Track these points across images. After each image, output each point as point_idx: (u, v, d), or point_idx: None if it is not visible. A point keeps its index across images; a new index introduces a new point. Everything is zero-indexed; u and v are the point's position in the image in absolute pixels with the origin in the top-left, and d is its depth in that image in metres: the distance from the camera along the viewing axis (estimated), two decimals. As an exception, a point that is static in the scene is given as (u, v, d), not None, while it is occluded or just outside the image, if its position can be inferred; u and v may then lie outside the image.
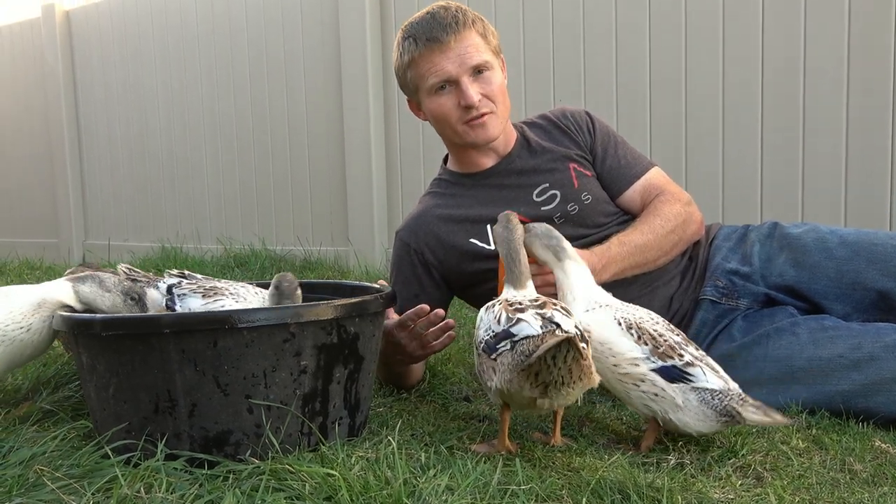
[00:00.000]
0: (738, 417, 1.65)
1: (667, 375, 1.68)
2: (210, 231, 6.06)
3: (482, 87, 2.22)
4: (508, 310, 1.68)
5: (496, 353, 1.64)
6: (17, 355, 1.90)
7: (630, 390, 1.72)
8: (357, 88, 4.91)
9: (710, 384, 1.67)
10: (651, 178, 2.38)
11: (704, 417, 1.67)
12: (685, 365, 1.68)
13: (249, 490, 1.45)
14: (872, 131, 3.35)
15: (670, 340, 1.73)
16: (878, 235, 2.15)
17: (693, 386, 1.67)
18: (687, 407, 1.67)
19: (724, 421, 1.67)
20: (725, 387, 1.68)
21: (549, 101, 4.19)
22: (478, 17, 2.26)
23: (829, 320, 2.05)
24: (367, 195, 4.95)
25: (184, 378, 1.59)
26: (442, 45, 2.18)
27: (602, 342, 1.74)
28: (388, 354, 2.18)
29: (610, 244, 2.16)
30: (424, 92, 2.27)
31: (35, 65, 7.25)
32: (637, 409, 1.76)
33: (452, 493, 1.41)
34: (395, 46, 2.32)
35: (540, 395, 1.59)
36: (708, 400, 1.66)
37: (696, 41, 3.74)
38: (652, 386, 1.69)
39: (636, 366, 1.70)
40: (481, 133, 2.27)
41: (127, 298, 1.93)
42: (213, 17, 5.88)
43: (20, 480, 1.45)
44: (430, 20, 2.21)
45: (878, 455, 1.72)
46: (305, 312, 1.64)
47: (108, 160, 6.83)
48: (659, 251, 2.24)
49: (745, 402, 1.66)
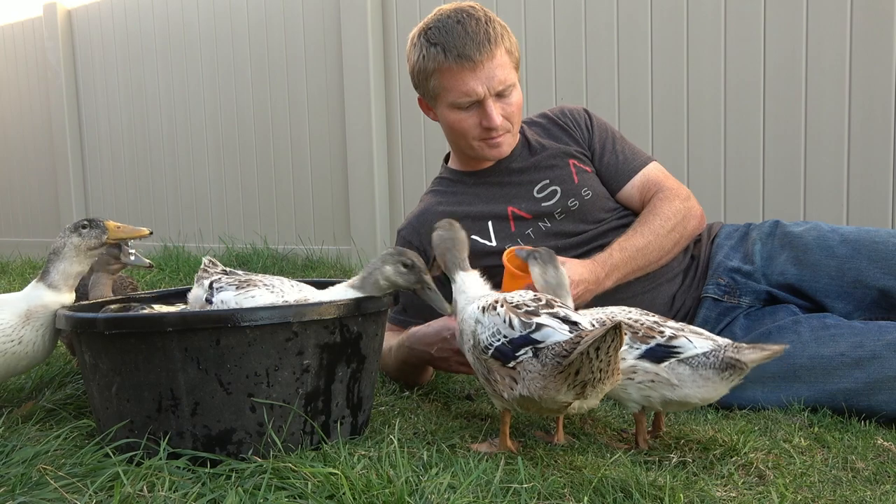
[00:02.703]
0: (739, 365, 1.61)
1: (654, 356, 1.65)
2: (212, 230, 6.06)
3: (504, 108, 2.22)
4: (518, 313, 1.61)
5: (515, 361, 1.59)
6: (12, 367, 1.89)
7: (627, 386, 1.68)
8: (359, 88, 4.92)
9: (698, 348, 1.64)
10: (649, 173, 2.38)
11: (705, 382, 1.64)
12: (668, 339, 1.65)
13: (252, 489, 1.45)
14: (874, 130, 3.35)
15: (647, 322, 1.71)
16: (880, 233, 2.15)
17: (681, 358, 1.64)
18: (682, 381, 1.64)
19: (727, 376, 1.63)
20: (715, 344, 1.65)
21: (550, 102, 4.20)
22: (504, 29, 2.23)
23: (831, 318, 2.05)
24: (369, 194, 4.95)
25: (187, 376, 1.60)
26: (473, 63, 2.15)
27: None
28: (414, 365, 2.19)
29: (611, 251, 2.16)
30: (446, 103, 2.25)
31: (37, 64, 7.26)
32: (637, 404, 1.72)
33: (454, 491, 1.41)
34: (412, 44, 2.28)
35: (576, 396, 1.55)
36: (703, 363, 1.63)
37: (698, 38, 3.73)
38: (644, 374, 1.66)
39: (622, 360, 1.65)
40: (496, 152, 2.30)
41: (80, 230, 1.90)
42: (215, 16, 5.88)
43: (23, 479, 1.45)
44: (462, 33, 2.15)
45: (880, 453, 1.72)
46: (308, 311, 1.64)
47: (110, 159, 6.84)
48: (660, 252, 2.24)
49: (739, 349, 1.63)
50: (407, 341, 2.15)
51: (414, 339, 2.13)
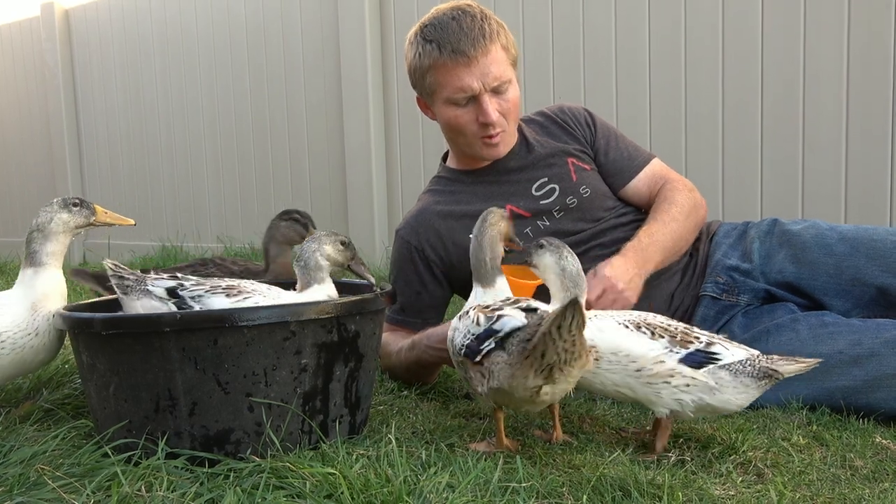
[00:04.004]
0: (776, 374, 1.62)
1: (693, 361, 1.62)
2: (210, 230, 6.05)
3: (500, 104, 2.22)
4: (485, 311, 1.66)
5: (481, 355, 1.62)
6: (29, 361, 1.88)
7: (661, 390, 1.64)
8: (357, 88, 4.91)
9: (736, 356, 1.63)
10: (654, 168, 2.43)
11: (745, 388, 1.63)
12: (707, 346, 1.64)
13: (250, 488, 1.45)
14: (872, 128, 3.34)
15: (680, 326, 1.69)
16: (878, 231, 2.15)
17: (720, 364, 1.62)
18: (722, 385, 1.62)
19: (763, 384, 1.63)
20: (749, 353, 1.65)
21: (548, 101, 4.20)
22: (500, 26, 2.24)
23: (830, 316, 2.05)
24: (367, 193, 4.95)
25: (184, 376, 1.59)
26: (468, 59, 2.15)
27: (615, 351, 1.65)
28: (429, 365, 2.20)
29: (639, 239, 2.16)
30: (441, 100, 2.25)
31: (34, 64, 7.25)
32: (665, 407, 1.66)
33: (453, 490, 1.41)
34: (409, 43, 2.29)
35: (545, 379, 1.55)
36: (740, 370, 1.62)
37: (696, 38, 3.73)
38: (681, 378, 1.62)
39: (662, 363, 1.62)
40: (493, 152, 2.31)
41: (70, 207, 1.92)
42: (213, 22, 5.87)
43: (21, 479, 1.45)
44: (457, 29, 2.16)
45: (878, 451, 1.72)
46: (306, 310, 1.64)
47: (108, 159, 6.83)
48: (682, 238, 2.26)
49: (772, 359, 1.63)
50: (425, 341, 2.16)
51: (431, 339, 2.14)
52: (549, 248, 1.76)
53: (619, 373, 1.65)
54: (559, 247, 1.76)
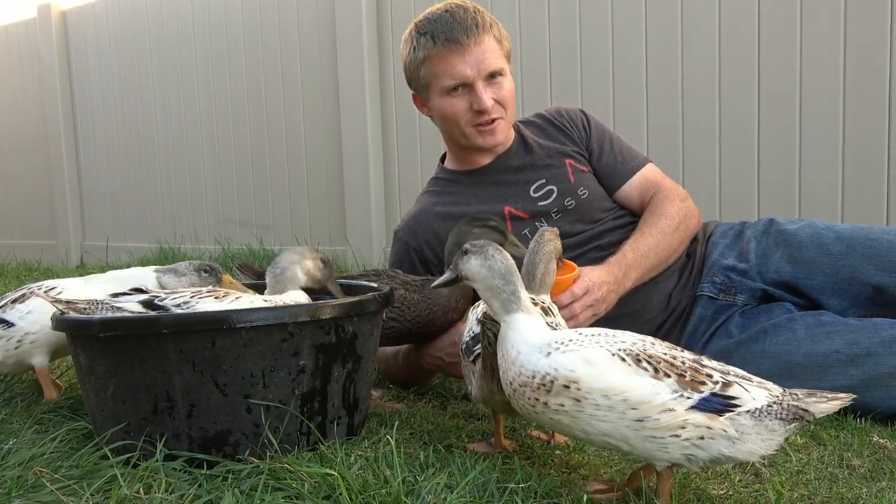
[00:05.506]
0: (807, 416, 1.30)
1: (708, 408, 1.27)
2: (208, 231, 6.05)
3: (495, 93, 2.23)
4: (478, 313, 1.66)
5: (472, 356, 1.63)
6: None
7: (668, 444, 1.27)
8: (354, 88, 4.91)
9: (758, 400, 1.29)
10: (647, 174, 2.41)
11: (771, 433, 1.29)
12: (723, 388, 1.29)
13: (248, 490, 1.45)
14: (868, 128, 3.35)
15: (687, 360, 1.33)
16: (874, 230, 2.16)
17: (740, 411, 1.28)
18: (744, 433, 1.28)
19: (793, 428, 1.31)
20: (771, 392, 1.32)
21: (545, 102, 4.20)
22: (493, 21, 2.27)
23: (826, 316, 2.06)
24: (365, 194, 4.95)
25: (182, 378, 1.59)
26: (461, 46, 2.18)
27: (608, 393, 1.28)
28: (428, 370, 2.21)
29: (624, 253, 2.17)
30: (436, 91, 2.27)
31: (31, 66, 7.24)
32: (670, 462, 1.32)
33: (451, 491, 1.41)
34: (405, 40, 2.32)
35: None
36: (766, 413, 1.29)
37: (693, 39, 3.73)
38: (695, 429, 1.26)
39: (671, 411, 1.26)
40: (490, 139, 2.30)
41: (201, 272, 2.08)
42: (210, 17, 5.87)
43: (20, 482, 1.45)
44: (450, 19, 2.21)
45: (876, 450, 1.73)
46: (303, 312, 1.64)
47: (106, 161, 6.82)
48: (669, 250, 2.26)
49: (798, 397, 1.32)
50: (423, 348, 2.18)
51: (430, 346, 2.15)
52: (473, 251, 1.47)
53: (611, 421, 1.28)
54: (482, 247, 1.47)
